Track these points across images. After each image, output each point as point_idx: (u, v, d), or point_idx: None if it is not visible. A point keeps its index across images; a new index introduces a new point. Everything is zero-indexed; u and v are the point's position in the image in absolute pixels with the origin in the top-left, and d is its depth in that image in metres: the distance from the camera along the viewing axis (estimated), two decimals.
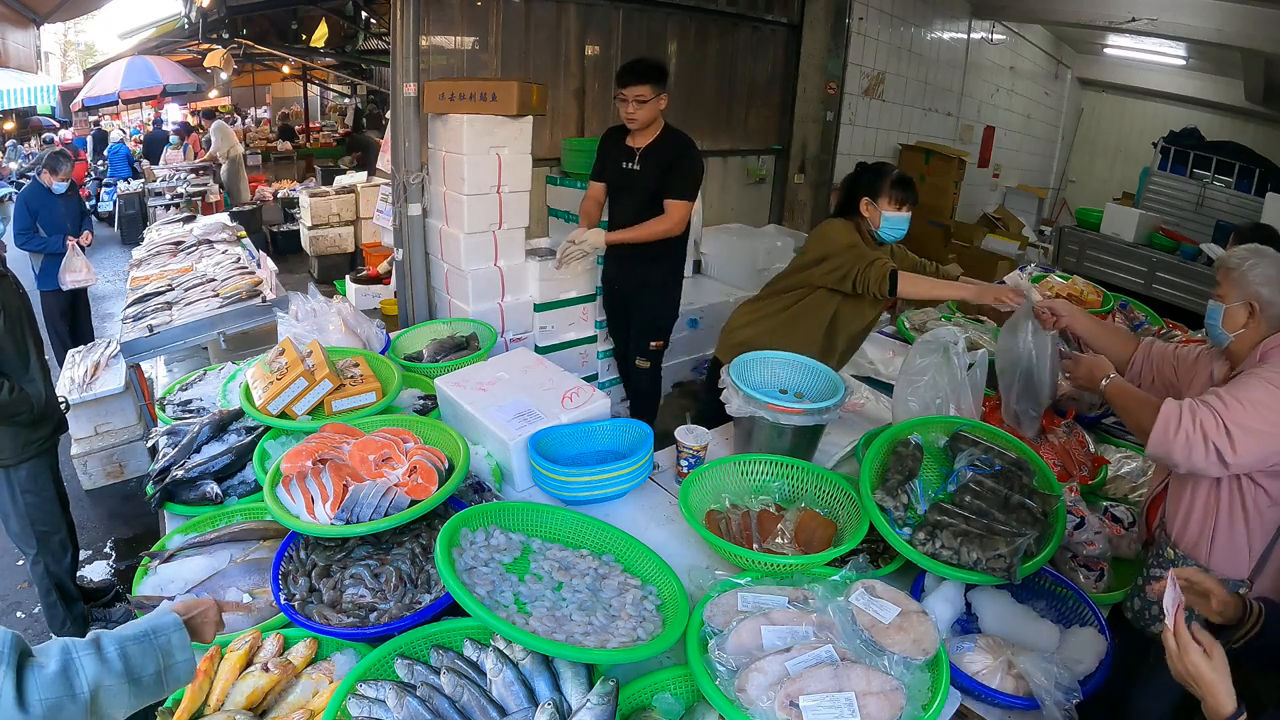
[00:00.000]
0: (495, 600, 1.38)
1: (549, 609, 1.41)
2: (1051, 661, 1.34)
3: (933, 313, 3.39)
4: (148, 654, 1.07)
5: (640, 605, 1.46)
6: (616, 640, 1.33)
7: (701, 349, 4.52)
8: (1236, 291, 1.64)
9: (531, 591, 1.46)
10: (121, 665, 1.03)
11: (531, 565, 1.54)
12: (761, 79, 5.75)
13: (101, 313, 6.19)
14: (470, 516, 1.55)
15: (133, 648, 1.06)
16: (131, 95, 10.52)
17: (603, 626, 1.38)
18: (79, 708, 0.98)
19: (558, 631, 1.33)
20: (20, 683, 0.94)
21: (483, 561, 1.48)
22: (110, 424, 3.62)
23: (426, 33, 3.79)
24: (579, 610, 1.42)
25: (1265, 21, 5.38)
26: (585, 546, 1.64)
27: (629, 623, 1.40)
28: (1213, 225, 6.31)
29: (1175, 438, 1.46)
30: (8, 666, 0.94)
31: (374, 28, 7.08)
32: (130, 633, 1.08)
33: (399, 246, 3.69)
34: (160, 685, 1.08)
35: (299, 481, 1.59)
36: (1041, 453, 1.90)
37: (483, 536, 1.54)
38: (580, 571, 1.55)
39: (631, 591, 1.50)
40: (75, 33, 22.25)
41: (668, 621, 1.40)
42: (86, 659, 1.00)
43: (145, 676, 1.05)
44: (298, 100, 14.18)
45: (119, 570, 3.13)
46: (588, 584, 1.52)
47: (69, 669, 0.98)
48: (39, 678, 0.96)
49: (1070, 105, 11.05)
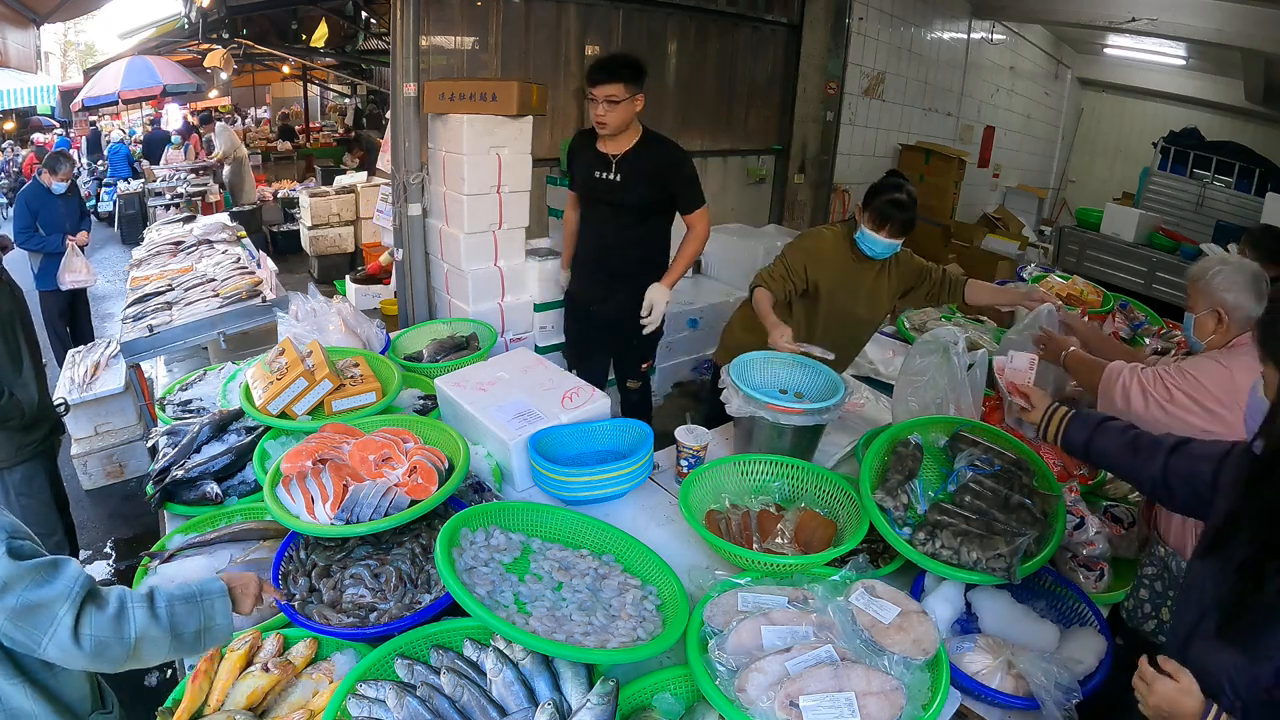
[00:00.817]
0: (495, 600, 1.38)
1: (549, 609, 1.41)
2: (1051, 661, 1.34)
3: (932, 313, 3.39)
4: (192, 614, 1.21)
5: (640, 605, 1.47)
6: (616, 640, 1.34)
7: (701, 349, 4.52)
8: (1203, 300, 1.76)
9: (531, 591, 1.46)
10: (168, 620, 1.18)
11: (531, 565, 1.55)
12: (761, 79, 5.76)
13: (101, 313, 6.19)
14: (470, 516, 1.55)
15: (180, 606, 1.20)
16: (131, 95, 10.53)
17: (603, 626, 1.39)
18: (123, 649, 1.14)
19: (558, 632, 1.34)
20: (78, 619, 1.10)
21: (483, 561, 1.48)
22: (110, 424, 3.62)
23: (426, 33, 3.79)
24: (579, 610, 1.42)
25: (1265, 21, 5.38)
26: (585, 546, 1.64)
27: (629, 623, 1.40)
28: (1213, 225, 6.33)
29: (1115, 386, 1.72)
30: (72, 603, 1.10)
31: (374, 28, 7.08)
32: (180, 593, 1.22)
33: (399, 246, 3.69)
34: (199, 643, 1.22)
35: (299, 481, 1.59)
36: (1041, 453, 1.89)
37: (483, 536, 1.54)
38: (580, 571, 1.55)
39: (631, 591, 1.50)
40: (75, 33, 22.28)
41: (668, 621, 1.41)
42: (139, 610, 1.15)
43: (187, 633, 1.20)
44: (298, 100, 14.17)
45: (119, 570, 3.12)
46: (588, 584, 1.52)
47: (122, 615, 1.14)
48: (96, 618, 1.11)
49: (1070, 105, 11.05)
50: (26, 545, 1.14)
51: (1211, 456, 1.31)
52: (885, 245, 2.34)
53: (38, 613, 1.09)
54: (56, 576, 1.12)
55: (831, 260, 2.45)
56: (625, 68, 2.54)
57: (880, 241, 2.33)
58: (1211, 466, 1.29)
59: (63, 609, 1.09)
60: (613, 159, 2.67)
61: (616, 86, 2.53)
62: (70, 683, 1.29)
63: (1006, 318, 3.46)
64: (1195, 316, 1.78)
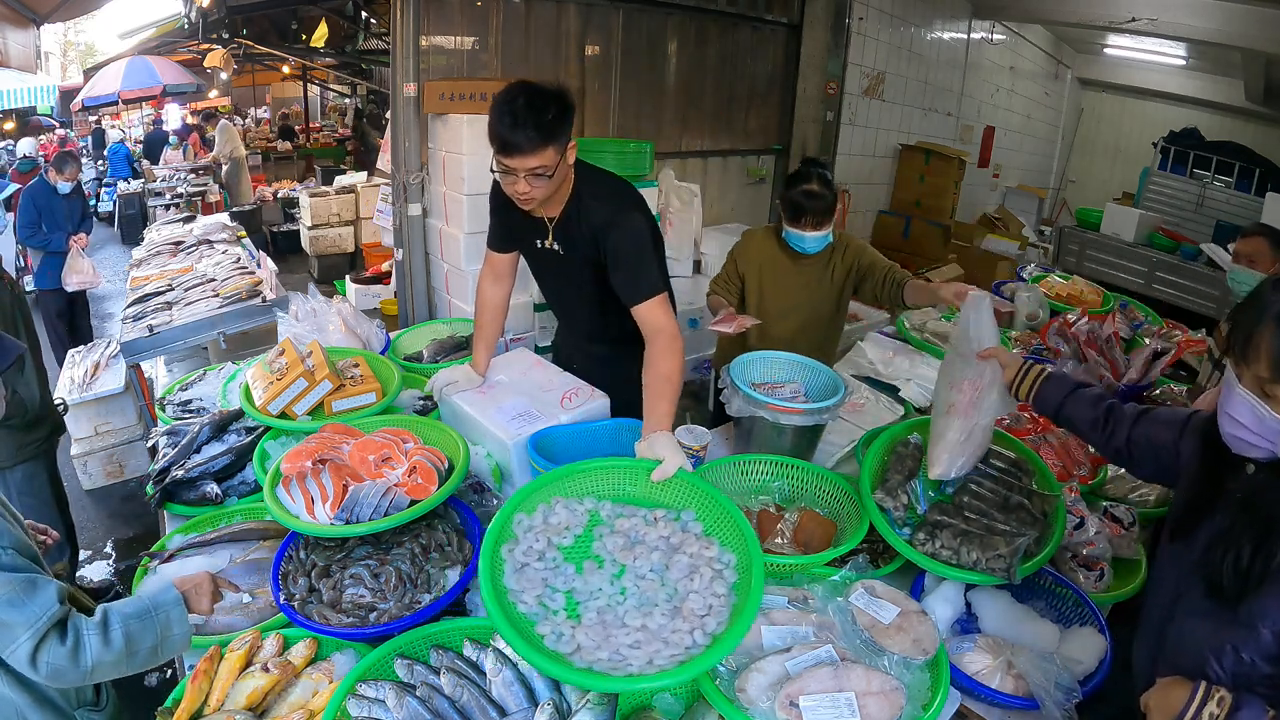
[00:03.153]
0: (544, 606, 1.30)
1: (600, 612, 1.30)
2: (1051, 661, 1.34)
3: (932, 313, 3.39)
4: (147, 629, 1.24)
5: (709, 589, 1.33)
6: (668, 653, 1.22)
7: (701, 349, 4.52)
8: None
9: (588, 586, 1.35)
10: (123, 643, 1.21)
11: (594, 544, 1.43)
12: (761, 79, 5.76)
13: (101, 313, 6.19)
14: (525, 497, 1.43)
15: (134, 624, 1.23)
16: (131, 95, 10.53)
17: (657, 629, 1.27)
18: (79, 675, 1.19)
19: (604, 647, 1.23)
20: (38, 647, 1.14)
21: (536, 555, 1.38)
22: (110, 424, 3.62)
23: (426, 33, 3.79)
24: (635, 609, 1.30)
25: (1265, 21, 5.38)
26: (662, 504, 1.52)
27: (688, 624, 1.27)
28: (1213, 225, 6.33)
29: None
30: (34, 634, 1.14)
31: (374, 28, 7.08)
32: (133, 610, 1.25)
33: (399, 246, 3.70)
34: (155, 656, 1.26)
35: (299, 482, 1.59)
36: (1041, 453, 1.90)
37: (540, 518, 1.44)
38: (650, 545, 1.41)
39: (703, 569, 1.36)
40: (75, 33, 22.27)
41: (736, 609, 1.28)
42: (93, 638, 1.19)
43: (142, 650, 1.23)
44: (298, 100, 14.18)
45: (119, 570, 3.13)
46: (655, 563, 1.38)
47: (79, 647, 1.18)
48: (55, 650, 1.16)
49: (1070, 105, 11.06)
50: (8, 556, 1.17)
51: (1174, 423, 1.33)
52: (810, 239, 2.27)
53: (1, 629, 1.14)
54: (30, 600, 1.15)
55: (756, 258, 2.47)
56: (556, 119, 1.67)
57: (803, 236, 2.26)
58: (1173, 434, 1.32)
59: (24, 635, 1.14)
60: (548, 223, 1.95)
61: (547, 152, 1.67)
62: None
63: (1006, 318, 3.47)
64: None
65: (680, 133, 5.37)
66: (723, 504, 1.47)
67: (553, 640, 1.23)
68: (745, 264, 2.49)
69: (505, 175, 1.73)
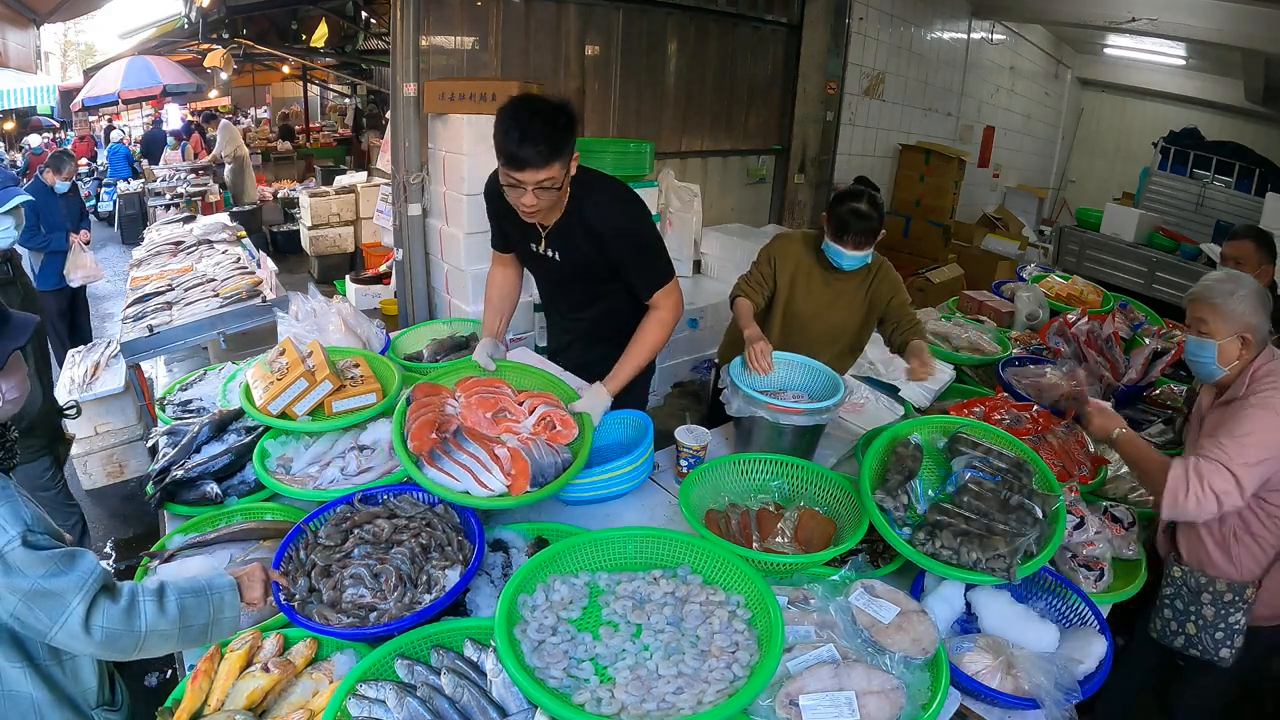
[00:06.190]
0: (574, 678, 1.26)
1: (632, 668, 1.28)
2: (1051, 661, 1.34)
3: (932, 313, 3.39)
4: (201, 606, 1.25)
5: (729, 628, 1.33)
6: (713, 690, 1.21)
7: (701, 349, 4.52)
8: (1226, 325, 1.64)
9: (610, 650, 1.32)
10: (178, 614, 1.22)
11: (604, 611, 1.41)
12: (761, 79, 5.76)
13: (101, 313, 6.19)
14: (524, 578, 1.40)
15: (190, 600, 1.24)
16: (131, 95, 10.54)
17: (694, 672, 1.25)
18: (133, 641, 1.18)
19: (648, 700, 1.21)
20: (90, 610, 1.14)
21: (549, 629, 1.35)
22: (110, 424, 3.62)
23: (426, 33, 3.79)
24: (665, 660, 1.29)
25: (1265, 21, 5.39)
26: (656, 565, 1.50)
27: (721, 660, 1.27)
28: (1212, 225, 6.33)
29: (1186, 501, 1.56)
30: (85, 595, 1.14)
31: (374, 28, 7.09)
32: (189, 586, 1.26)
33: (399, 246, 3.70)
34: (205, 635, 1.26)
35: (446, 457, 1.58)
36: (1041, 453, 1.89)
37: (542, 597, 1.41)
38: (658, 603, 1.41)
39: (717, 613, 1.36)
40: (75, 33, 22.28)
41: (762, 639, 1.29)
42: (149, 604, 1.20)
43: (195, 626, 1.24)
44: (298, 100, 14.17)
45: (119, 570, 3.12)
46: (669, 617, 1.37)
47: (133, 609, 1.18)
48: (109, 610, 1.16)
49: (1070, 105, 11.07)
50: (43, 539, 1.17)
51: None
52: (850, 257, 2.26)
53: (50, 601, 1.13)
54: (72, 568, 1.16)
55: (792, 260, 2.44)
56: (563, 133, 1.73)
57: (842, 252, 2.25)
58: None
59: (75, 599, 1.13)
60: (542, 232, 2.01)
61: (554, 166, 1.73)
62: (76, 675, 1.30)
63: (1006, 318, 3.47)
64: (1219, 344, 1.65)
65: (680, 133, 5.38)
66: (715, 551, 1.48)
67: (594, 706, 1.20)
68: (782, 262, 2.43)
69: (512, 189, 1.78)
